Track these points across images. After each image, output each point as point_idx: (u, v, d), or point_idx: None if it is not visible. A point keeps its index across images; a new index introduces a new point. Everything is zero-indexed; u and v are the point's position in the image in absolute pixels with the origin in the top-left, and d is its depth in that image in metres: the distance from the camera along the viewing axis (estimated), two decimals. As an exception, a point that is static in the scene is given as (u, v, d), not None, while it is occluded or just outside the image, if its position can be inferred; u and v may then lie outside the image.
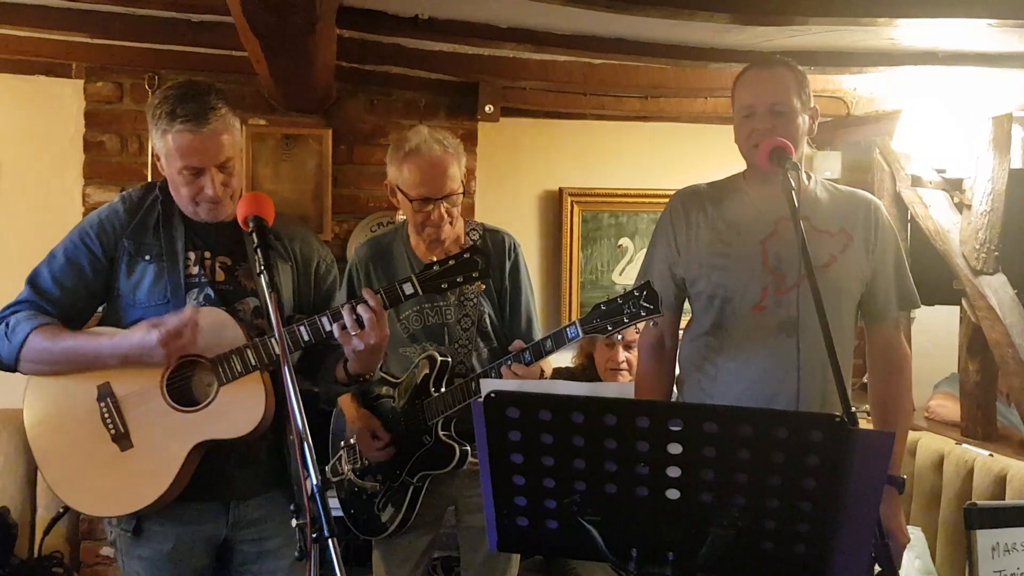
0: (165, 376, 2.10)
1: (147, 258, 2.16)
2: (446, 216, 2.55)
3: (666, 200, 2.47)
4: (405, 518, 2.62)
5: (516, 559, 2.79)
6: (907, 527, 2.37)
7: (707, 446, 1.45)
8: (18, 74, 3.93)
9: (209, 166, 2.11)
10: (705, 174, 2.49)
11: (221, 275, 2.20)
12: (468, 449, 2.55)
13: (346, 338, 2.06)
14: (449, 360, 2.60)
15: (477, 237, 2.70)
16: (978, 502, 2.26)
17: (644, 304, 2.21)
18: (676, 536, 1.53)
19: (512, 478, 1.56)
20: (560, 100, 4.18)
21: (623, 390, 1.87)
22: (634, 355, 3.26)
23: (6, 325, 2.10)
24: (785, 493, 1.46)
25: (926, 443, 3.48)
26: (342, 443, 2.77)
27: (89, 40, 3.60)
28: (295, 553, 1.56)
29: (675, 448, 1.45)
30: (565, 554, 2.29)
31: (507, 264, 2.71)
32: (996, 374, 3.62)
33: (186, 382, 2.11)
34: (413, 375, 2.62)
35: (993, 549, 2.12)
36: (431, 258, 2.28)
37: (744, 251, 2.28)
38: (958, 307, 3.71)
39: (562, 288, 4.47)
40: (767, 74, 2.25)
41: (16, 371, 2.13)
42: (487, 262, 2.11)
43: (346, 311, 2.05)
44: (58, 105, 3.94)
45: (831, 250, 2.27)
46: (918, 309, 2.51)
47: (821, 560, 1.51)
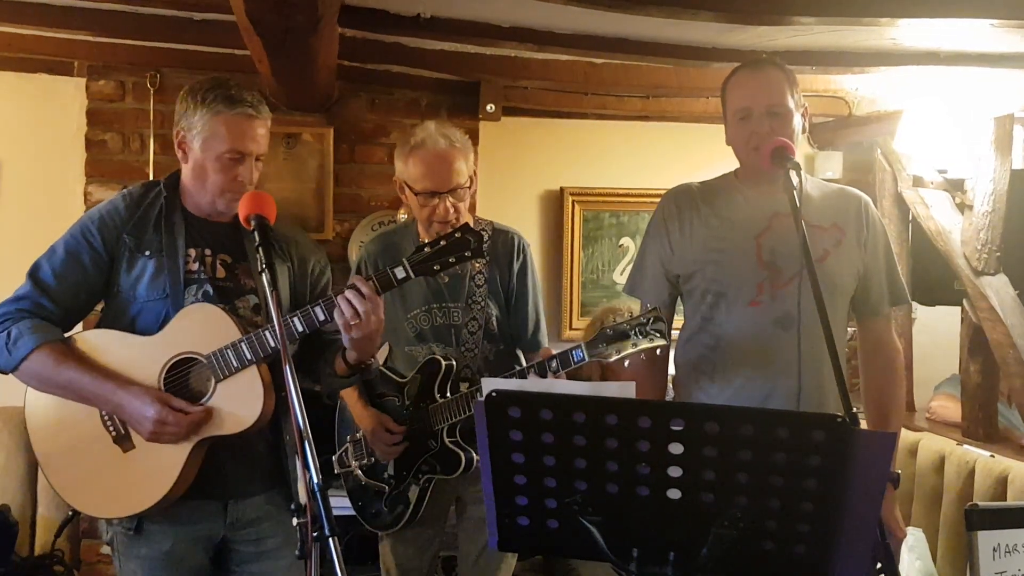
0: (163, 375, 2.10)
1: (147, 253, 2.16)
2: (452, 210, 2.53)
3: (666, 200, 2.47)
4: (413, 514, 2.63)
5: (512, 555, 2.79)
6: (908, 528, 2.37)
7: (708, 446, 1.45)
8: (20, 72, 3.94)
9: (254, 153, 2.15)
10: (706, 174, 2.49)
11: (222, 272, 2.20)
12: (473, 456, 2.55)
13: (345, 326, 2.05)
14: (454, 364, 2.60)
15: (487, 237, 2.69)
16: (979, 503, 2.26)
17: (651, 331, 2.21)
18: (677, 536, 1.53)
19: (513, 477, 1.56)
20: (562, 99, 4.18)
21: (624, 389, 1.87)
22: None
23: (7, 334, 2.09)
24: (786, 493, 1.46)
25: (927, 444, 3.48)
26: (348, 437, 2.77)
27: (91, 38, 3.60)
28: (295, 552, 1.56)
29: (676, 448, 1.45)
30: (566, 554, 2.29)
31: (516, 264, 2.70)
32: (997, 375, 3.62)
33: (184, 380, 2.11)
34: (416, 377, 2.62)
35: (994, 550, 2.12)
36: None
37: (738, 246, 2.29)
38: (959, 308, 3.71)
39: (563, 287, 4.48)
40: (761, 76, 2.25)
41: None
42: (479, 240, 2.07)
43: (341, 301, 2.04)
44: (60, 103, 3.94)
45: (824, 245, 2.27)
46: (920, 309, 2.51)
47: (822, 560, 1.51)
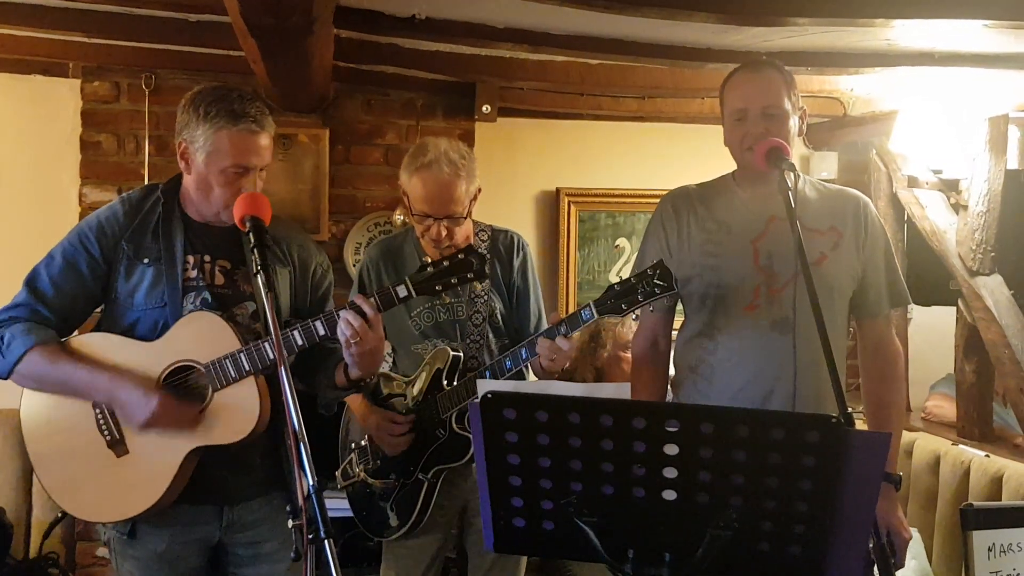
0: (160, 382, 2.10)
1: (146, 261, 2.15)
2: (444, 233, 2.55)
3: (662, 200, 2.47)
4: (418, 519, 2.61)
5: (523, 561, 2.79)
6: (905, 526, 2.37)
7: (704, 447, 1.45)
8: (15, 73, 3.93)
9: (258, 166, 2.14)
10: (702, 174, 2.49)
11: (220, 279, 2.19)
12: None
13: (345, 343, 2.06)
14: (461, 355, 2.60)
15: (486, 238, 2.73)
16: (974, 503, 2.27)
17: (658, 282, 2.20)
18: (673, 537, 1.53)
19: (509, 479, 1.56)
20: (557, 100, 4.19)
21: (619, 391, 1.87)
22: None
23: (1, 340, 2.09)
24: (781, 494, 1.46)
25: (922, 444, 3.49)
26: (352, 445, 2.76)
27: (86, 40, 3.60)
28: (291, 555, 1.56)
29: (672, 449, 1.46)
30: (562, 555, 2.28)
31: (516, 260, 2.74)
32: (992, 375, 3.63)
33: (182, 387, 2.11)
34: (425, 371, 2.63)
35: (989, 550, 2.13)
36: (441, 256, 2.27)
37: (735, 250, 2.29)
38: (954, 308, 3.72)
39: (559, 288, 4.48)
40: (757, 77, 2.26)
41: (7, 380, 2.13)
42: (482, 262, 2.10)
43: (342, 319, 2.05)
44: (55, 105, 3.94)
45: (822, 248, 2.27)
46: (914, 309, 2.52)
47: (817, 561, 1.51)
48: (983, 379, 3.66)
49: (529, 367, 2.51)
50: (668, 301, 2.38)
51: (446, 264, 2.09)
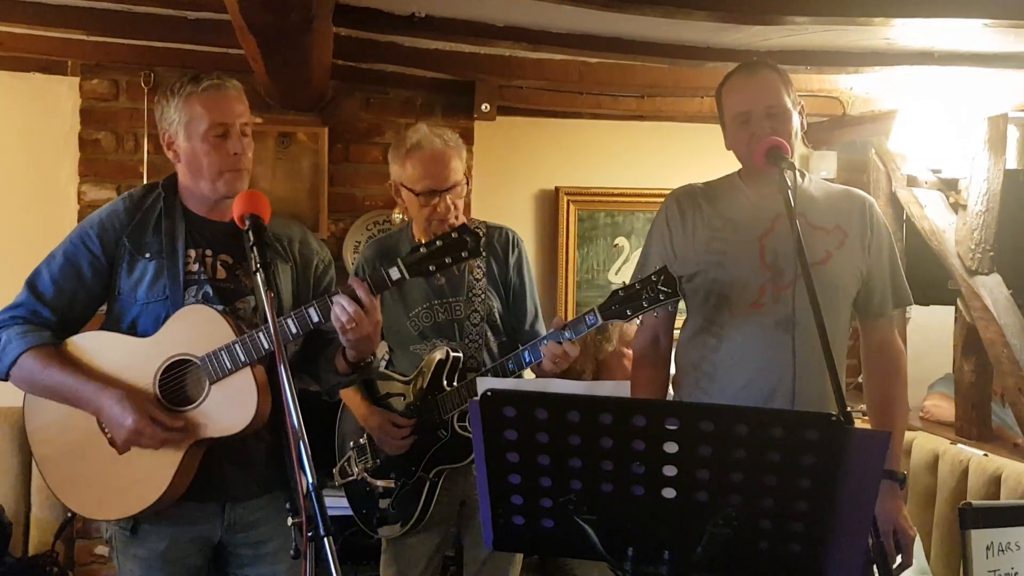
0: (158, 376, 2.10)
1: (147, 256, 2.16)
2: (452, 208, 2.56)
3: (662, 199, 2.47)
4: (420, 517, 2.62)
5: (519, 557, 2.79)
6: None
7: (703, 445, 1.45)
8: (14, 71, 3.92)
9: (235, 123, 2.15)
10: (701, 173, 2.49)
11: (222, 273, 2.20)
12: None
13: (341, 328, 2.05)
14: (460, 355, 2.60)
15: (481, 235, 2.71)
16: (973, 502, 2.26)
17: (662, 288, 2.20)
18: (672, 535, 1.53)
19: (508, 477, 1.56)
20: (556, 99, 4.18)
21: (619, 388, 1.87)
22: None
23: None
24: (781, 492, 1.47)
25: (921, 443, 3.49)
26: (351, 443, 2.76)
27: (85, 37, 3.59)
28: (291, 553, 1.56)
29: (671, 447, 1.46)
30: (561, 553, 2.29)
31: (512, 257, 2.74)
32: (991, 374, 3.64)
33: (179, 381, 2.11)
34: (423, 371, 2.62)
35: (988, 549, 2.13)
36: None
37: (741, 248, 2.29)
38: (953, 307, 3.73)
39: (558, 287, 4.47)
40: (757, 78, 2.26)
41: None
42: (475, 240, 2.06)
43: (336, 304, 2.04)
44: (54, 102, 3.93)
45: (827, 246, 2.27)
46: (914, 309, 2.52)
47: (816, 559, 1.51)
48: (982, 378, 3.66)
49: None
50: (672, 307, 2.39)
51: (439, 244, 2.06)
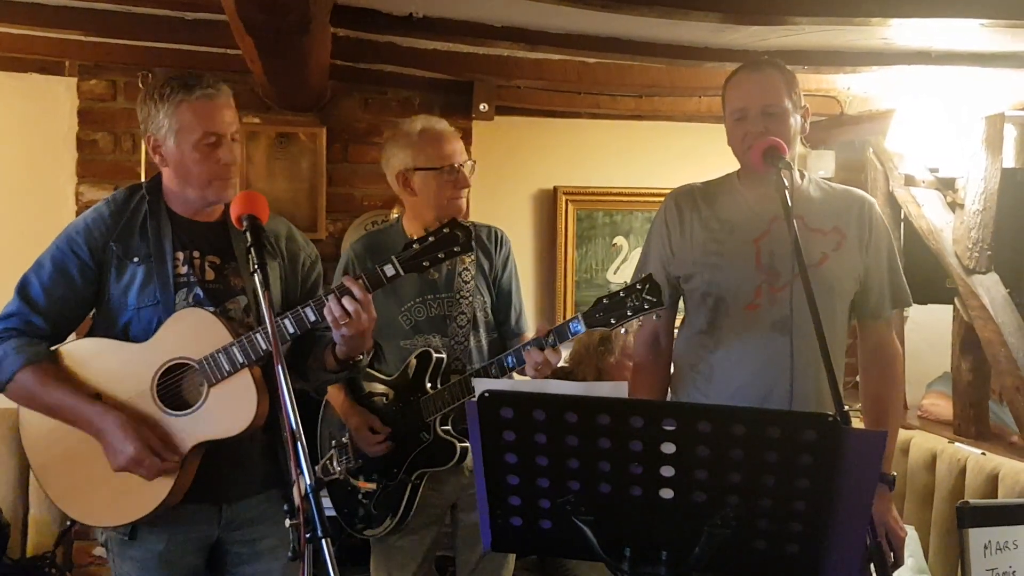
0: (155, 381, 2.10)
1: (135, 260, 2.14)
2: (468, 183, 2.63)
3: (661, 199, 2.48)
4: (401, 519, 2.61)
5: (512, 557, 2.79)
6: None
7: (700, 445, 1.45)
8: (11, 72, 3.91)
9: (227, 132, 2.13)
10: (699, 173, 2.49)
11: (211, 274, 2.19)
12: (468, 446, 2.55)
13: (335, 324, 2.05)
14: (444, 357, 2.60)
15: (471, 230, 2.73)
16: (970, 500, 2.27)
17: (647, 297, 2.20)
18: (670, 535, 1.53)
19: (506, 478, 1.56)
20: (555, 99, 4.18)
21: (617, 389, 1.87)
22: None
23: None
24: (778, 492, 1.47)
25: (919, 442, 3.49)
26: (333, 442, 2.75)
27: (83, 38, 3.58)
28: (288, 554, 1.56)
29: (668, 447, 1.46)
30: (559, 553, 2.29)
31: (499, 255, 2.77)
32: (988, 373, 3.64)
33: (177, 385, 2.10)
34: (405, 372, 2.62)
35: (985, 547, 2.13)
36: None
37: (737, 249, 2.29)
38: (951, 306, 3.73)
39: (556, 287, 4.47)
40: (757, 76, 2.26)
41: None
42: (467, 235, 2.06)
43: (332, 302, 2.03)
44: (51, 103, 3.92)
45: (824, 248, 2.27)
46: (912, 308, 2.52)
47: (814, 559, 1.51)
48: (979, 377, 3.67)
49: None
50: (658, 315, 2.39)
51: (431, 239, 2.05)
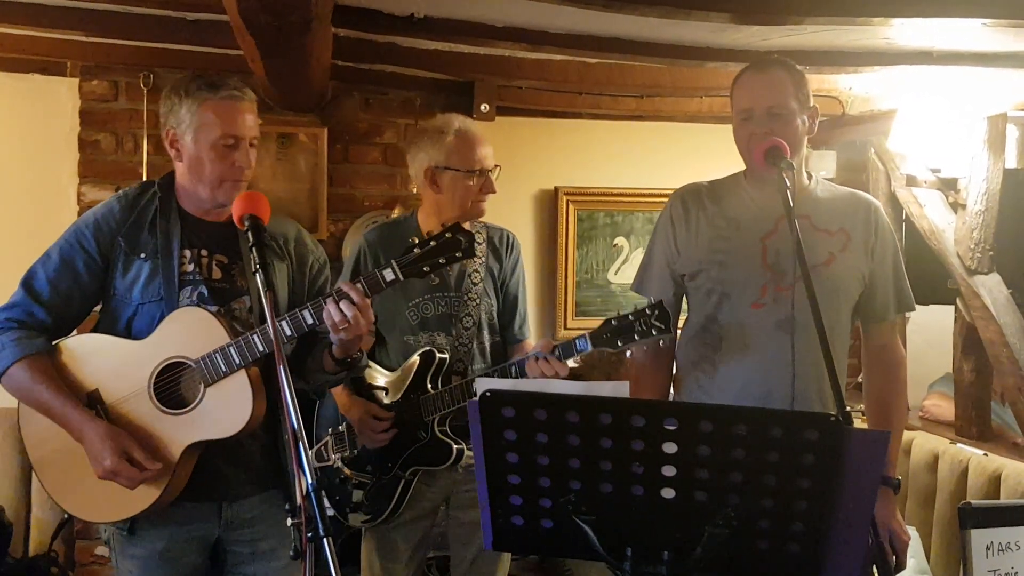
0: (153, 379, 2.10)
1: (142, 256, 2.15)
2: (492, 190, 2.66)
3: (662, 199, 2.48)
4: (392, 512, 2.63)
5: (506, 557, 2.79)
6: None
7: (702, 445, 1.45)
8: (13, 72, 3.92)
9: (247, 136, 2.13)
10: (701, 173, 2.49)
11: (218, 273, 2.19)
12: (464, 447, 2.57)
13: (333, 328, 2.05)
14: (447, 357, 2.61)
15: (483, 239, 2.75)
16: (972, 501, 2.27)
17: (655, 323, 2.23)
18: (671, 535, 1.53)
19: (507, 477, 1.56)
20: (556, 99, 4.18)
21: (618, 389, 1.87)
22: None
23: None
24: (780, 492, 1.47)
25: (920, 443, 3.49)
26: (329, 430, 2.77)
27: (85, 38, 3.59)
28: (290, 553, 1.56)
29: (670, 447, 1.46)
30: (561, 553, 2.28)
31: (509, 259, 2.78)
32: (990, 373, 3.64)
33: (174, 384, 2.11)
34: (408, 369, 2.63)
35: (988, 548, 2.13)
36: None
37: (744, 248, 2.29)
38: (953, 307, 3.72)
39: (557, 287, 4.47)
40: (764, 77, 2.26)
41: None
42: (470, 241, 2.06)
43: (330, 306, 2.03)
44: (53, 103, 3.93)
45: (830, 249, 2.27)
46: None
47: (816, 559, 1.51)
48: (981, 378, 3.66)
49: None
50: (674, 298, 2.40)
51: (432, 244, 2.05)
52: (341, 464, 2.70)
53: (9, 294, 2.17)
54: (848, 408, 1.81)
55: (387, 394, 2.66)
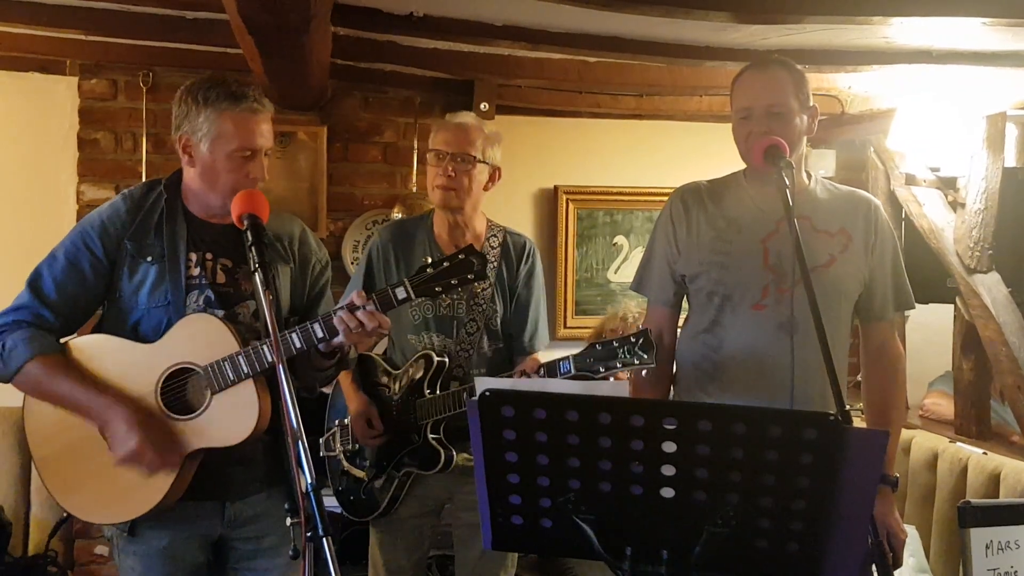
0: (160, 383, 2.10)
1: (149, 259, 2.15)
2: (449, 175, 2.63)
3: (662, 198, 2.48)
4: (386, 510, 2.66)
5: (513, 556, 2.79)
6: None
7: (701, 444, 1.45)
8: (12, 71, 3.91)
9: (263, 149, 2.13)
10: (701, 172, 2.49)
11: (222, 277, 2.19)
12: (453, 454, 2.58)
13: (346, 334, 2.06)
14: (446, 361, 2.61)
15: (498, 240, 2.75)
16: (972, 500, 2.27)
17: (639, 352, 2.24)
18: (670, 534, 1.53)
19: (507, 476, 1.56)
20: (555, 98, 4.18)
21: (617, 388, 1.88)
22: None
23: (2, 345, 2.08)
24: (779, 491, 1.47)
25: (920, 441, 3.49)
26: (337, 421, 2.78)
27: (84, 37, 3.58)
28: (290, 552, 1.56)
29: (669, 446, 1.46)
30: (560, 552, 2.29)
31: (523, 266, 2.75)
32: (990, 372, 3.64)
33: (181, 389, 2.11)
34: (408, 371, 2.63)
35: (987, 547, 2.13)
36: (453, 248, 2.26)
37: (745, 249, 2.29)
38: (952, 305, 3.72)
39: (557, 286, 4.47)
40: (763, 76, 2.26)
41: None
42: (482, 263, 2.08)
43: (344, 316, 2.04)
44: (52, 102, 3.93)
45: (831, 250, 2.27)
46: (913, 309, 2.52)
47: (815, 558, 1.51)
48: (981, 377, 3.66)
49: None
50: (674, 298, 2.39)
51: (446, 265, 2.07)
52: (343, 457, 2.73)
53: (8, 292, 2.16)
54: (848, 407, 1.81)
55: (388, 391, 2.68)
